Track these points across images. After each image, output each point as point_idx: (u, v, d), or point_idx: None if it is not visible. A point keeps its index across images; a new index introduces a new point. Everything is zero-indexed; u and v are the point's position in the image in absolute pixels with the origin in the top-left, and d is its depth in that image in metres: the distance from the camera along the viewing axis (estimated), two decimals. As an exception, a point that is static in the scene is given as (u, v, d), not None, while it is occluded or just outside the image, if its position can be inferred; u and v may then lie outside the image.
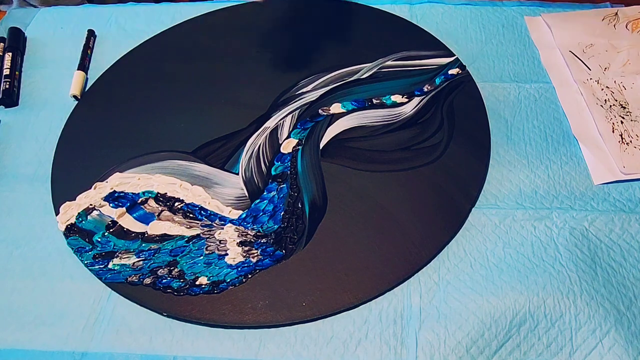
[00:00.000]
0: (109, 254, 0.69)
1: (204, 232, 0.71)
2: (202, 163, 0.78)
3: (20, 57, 0.95)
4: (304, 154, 0.79)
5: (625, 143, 0.77)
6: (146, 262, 0.68)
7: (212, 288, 0.66)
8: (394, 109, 0.84)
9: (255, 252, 0.69)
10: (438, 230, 0.70)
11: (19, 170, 0.80)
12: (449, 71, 0.88)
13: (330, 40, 0.95)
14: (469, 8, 0.99)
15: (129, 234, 0.71)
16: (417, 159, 0.77)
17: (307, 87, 0.87)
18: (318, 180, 0.75)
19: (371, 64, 0.90)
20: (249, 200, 0.74)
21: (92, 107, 0.87)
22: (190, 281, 0.67)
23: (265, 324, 0.64)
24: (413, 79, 0.87)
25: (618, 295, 0.65)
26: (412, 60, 0.90)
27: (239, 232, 0.71)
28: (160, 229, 0.72)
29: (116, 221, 0.72)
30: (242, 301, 0.65)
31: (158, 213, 0.73)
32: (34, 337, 0.64)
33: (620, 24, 0.93)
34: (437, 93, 0.85)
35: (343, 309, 0.65)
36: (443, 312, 0.64)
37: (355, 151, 0.79)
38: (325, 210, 0.73)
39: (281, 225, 0.71)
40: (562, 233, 0.70)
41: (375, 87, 0.87)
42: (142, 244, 0.70)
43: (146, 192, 0.75)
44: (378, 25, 0.97)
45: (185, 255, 0.69)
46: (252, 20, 0.99)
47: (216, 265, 0.68)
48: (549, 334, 0.62)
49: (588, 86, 0.84)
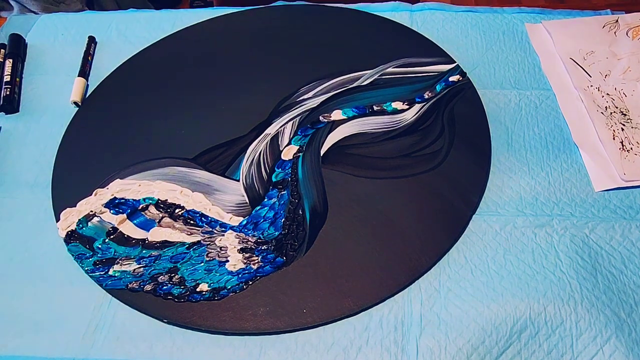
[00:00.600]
0: (110, 260, 0.69)
1: (204, 238, 0.71)
2: (202, 170, 0.78)
3: (20, 64, 0.95)
4: (305, 160, 0.79)
5: (625, 150, 0.77)
6: (147, 269, 0.68)
7: (212, 295, 0.66)
8: (394, 116, 0.84)
9: (256, 259, 0.69)
10: (439, 237, 0.70)
11: (20, 177, 0.80)
12: (450, 78, 0.88)
13: (331, 47, 0.95)
14: (469, 15, 0.99)
15: (130, 240, 0.71)
16: (417, 166, 0.77)
17: (307, 93, 0.87)
18: (319, 187, 0.76)
19: (372, 70, 0.90)
20: (249, 207, 0.74)
21: (92, 113, 0.88)
22: (191, 288, 0.67)
23: (266, 331, 0.64)
24: (414, 86, 0.88)
25: (619, 302, 0.65)
26: (413, 67, 0.90)
27: (240, 238, 0.71)
28: (161, 236, 0.71)
29: (117, 228, 0.72)
30: (243, 308, 0.65)
31: (159, 220, 0.73)
32: (34, 343, 0.64)
33: (621, 31, 0.93)
34: (437, 100, 0.85)
35: (344, 316, 0.64)
36: (444, 318, 0.64)
37: (356, 158, 0.79)
38: (326, 216, 0.73)
39: (282, 232, 0.71)
40: (563, 240, 0.70)
41: (376, 93, 0.87)
42: (143, 251, 0.70)
43: (147, 199, 0.75)
44: (378, 32, 0.97)
45: (185, 262, 0.69)
46: (253, 27, 0.99)
47: (217, 272, 0.68)
48: (550, 341, 0.62)
49: (589, 93, 0.84)
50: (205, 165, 0.79)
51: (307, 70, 0.90)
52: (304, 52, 0.95)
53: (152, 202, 0.74)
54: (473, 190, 0.75)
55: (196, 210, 0.74)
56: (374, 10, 1.00)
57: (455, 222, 0.72)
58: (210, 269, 0.68)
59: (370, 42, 0.95)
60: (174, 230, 0.72)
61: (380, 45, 0.94)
